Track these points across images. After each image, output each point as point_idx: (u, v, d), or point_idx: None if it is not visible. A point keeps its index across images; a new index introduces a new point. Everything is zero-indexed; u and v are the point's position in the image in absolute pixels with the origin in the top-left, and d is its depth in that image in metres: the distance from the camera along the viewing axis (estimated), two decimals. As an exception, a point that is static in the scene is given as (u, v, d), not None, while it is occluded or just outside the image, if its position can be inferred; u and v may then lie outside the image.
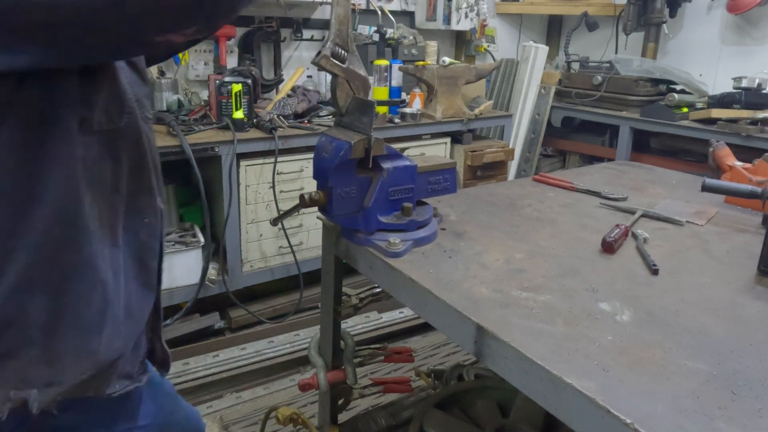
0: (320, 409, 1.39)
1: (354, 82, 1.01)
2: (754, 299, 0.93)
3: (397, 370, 2.35)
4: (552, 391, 0.70)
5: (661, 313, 0.86)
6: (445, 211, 1.26)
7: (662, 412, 0.63)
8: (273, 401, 2.17)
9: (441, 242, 1.09)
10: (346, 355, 1.30)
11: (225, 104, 2.43)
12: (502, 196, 1.42)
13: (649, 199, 1.44)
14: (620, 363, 0.72)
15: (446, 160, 1.20)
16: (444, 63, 3.09)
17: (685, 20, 3.83)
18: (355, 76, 1.01)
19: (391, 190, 1.06)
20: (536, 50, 3.83)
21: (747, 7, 3.37)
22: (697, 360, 0.74)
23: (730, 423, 0.62)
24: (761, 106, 3.00)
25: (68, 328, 0.74)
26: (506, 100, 3.99)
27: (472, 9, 3.65)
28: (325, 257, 1.23)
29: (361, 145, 1.00)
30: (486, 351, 0.80)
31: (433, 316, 0.91)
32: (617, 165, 1.87)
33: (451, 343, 2.55)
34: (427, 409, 1.32)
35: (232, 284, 2.52)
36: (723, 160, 1.59)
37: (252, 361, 2.38)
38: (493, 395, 1.40)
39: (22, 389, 0.72)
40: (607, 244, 1.08)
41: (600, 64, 3.87)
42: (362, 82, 1.02)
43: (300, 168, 2.59)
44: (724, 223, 1.29)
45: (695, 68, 3.66)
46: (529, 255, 1.05)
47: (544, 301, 0.88)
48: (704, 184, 1.32)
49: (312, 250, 2.72)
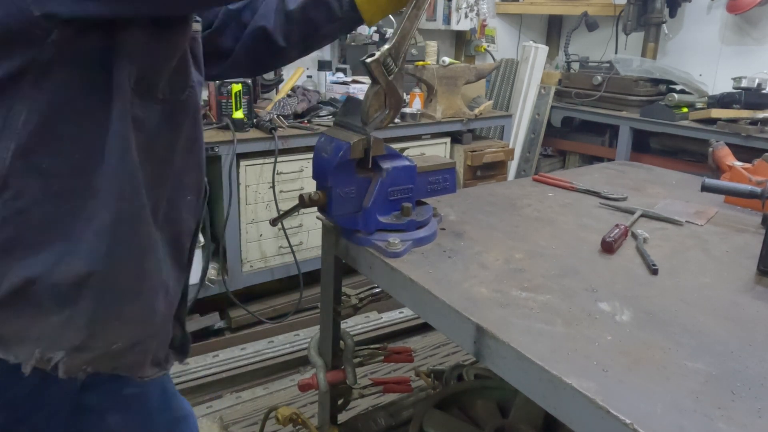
0: (320, 409, 1.39)
1: (390, 98, 0.98)
2: (754, 299, 0.93)
3: (397, 370, 2.35)
4: (551, 392, 0.70)
5: (661, 313, 0.86)
6: (445, 211, 1.26)
7: (662, 412, 0.63)
8: (273, 401, 2.17)
9: (440, 242, 1.09)
10: (346, 355, 1.30)
11: (225, 104, 2.43)
12: (501, 196, 1.42)
13: (649, 199, 1.44)
14: (620, 363, 0.72)
15: (446, 160, 1.20)
16: (444, 63, 3.09)
17: (685, 20, 3.83)
18: (394, 92, 0.98)
19: (391, 190, 1.06)
20: (536, 50, 3.83)
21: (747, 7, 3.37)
22: (697, 360, 0.74)
23: (730, 423, 0.62)
24: (761, 106, 3.00)
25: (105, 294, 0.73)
26: (506, 100, 3.99)
27: (472, 9, 3.65)
28: (324, 257, 1.23)
29: (361, 145, 1.00)
30: (485, 351, 0.80)
31: (432, 316, 0.91)
32: (617, 165, 1.87)
33: (450, 343, 2.55)
34: (426, 409, 1.32)
35: (232, 284, 2.52)
36: (723, 160, 1.59)
37: (252, 361, 2.38)
38: (493, 395, 1.40)
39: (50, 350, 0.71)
40: (607, 244, 1.08)
41: (600, 64, 3.87)
42: (397, 102, 0.99)
43: (300, 168, 2.59)
44: (723, 223, 1.29)
45: (695, 68, 3.66)
46: (529, 255, 1.05)
47: (544, 301, 0.88)
48: (704, 184, 1.32)
49: (312, 250, 2.72)
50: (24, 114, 0.65)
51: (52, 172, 0.67)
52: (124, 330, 0.76)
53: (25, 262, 0.68)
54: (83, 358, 0.74)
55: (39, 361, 0.71)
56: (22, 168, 0.66)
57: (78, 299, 0.71)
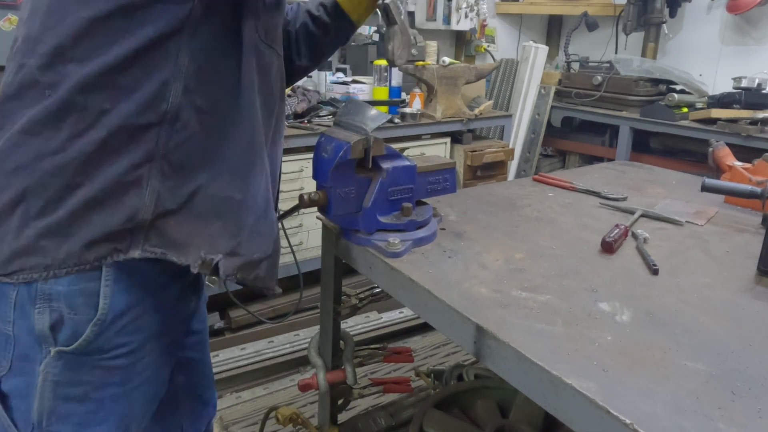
0: (320, 409, 1.39)
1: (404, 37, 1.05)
2: (754, 299, 0.93)
3: (397, 370, 2.35)
4: (552, 392, 0.70)
5: (661, 313, 0.86)
6: (445, 211, 1.26)
7: (662, 413, 0.63)
8: (273, 401, 2.17)
9: (440, 242, 1.09)
10: (346, 355, 1.30)
11: (225, 104, 2.43)
12: (501, 196, 1.42)
13: (649, 199, 1.44)
14: (620, 363, 0.72)
15: (446, 160, 1.20)
16: (444, 63, 3.09)
17: (685, 20, 3.83)
18: (407, 31, 1.05)
19: (391, 190, 1.06)
20: (536, 50, 3.83)
21: (747, 7, 3.37)
22: (697, 360, 0.74)
23: (730, 423, 0.62)
24: (761, 106, 3.00)
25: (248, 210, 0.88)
26: (506, 100, 3.99)
27: (472, 9, 3.65)
28: (324, 257, 1.23)
29: (361, 145, 1.00)
30: (485, 351, 0.80)
31: (432, 317, 0.91)
32: (617, 165, 1.87)
33: (450, 343, 2.55)
34: (426, 409, 1.32)
35: (232, 284, 2.52)
36: (723, 160, 1.59)
37: (252, 361, 2.38)
38: (493, 395, 1.40)
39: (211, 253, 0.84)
40: (607, 244, 1.08)
41: (600, 64, 3.87)
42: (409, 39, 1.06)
43: (300, 168, 2.58)
44: (723, 223, 1.29)
45: (695, 68, 3.66)
46: (529, 255, 1.05)
47: (544, 301, 0.88)
48: (704, 184, 1.32)
49: (312, 250, 2.72)
50: (187, 60, 0.79)
51: (204, 108, 0.82)
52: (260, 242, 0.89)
53: (190, 180, 0.82)
54: (235, 263, 0.86)
55: (203, 262, 0.83)
56: (187, 104, 0.80)
57: (227, 213, 0.85)
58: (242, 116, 0.86)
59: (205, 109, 0.82)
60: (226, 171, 0.85)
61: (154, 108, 0.78)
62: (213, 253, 0.84)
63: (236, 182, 0.86)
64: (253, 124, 0.88)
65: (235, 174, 0.86)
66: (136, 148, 0.79)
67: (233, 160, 0.86)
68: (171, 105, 0.79)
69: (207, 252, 0.84)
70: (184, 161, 0.82)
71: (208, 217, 0.84)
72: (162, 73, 0.78)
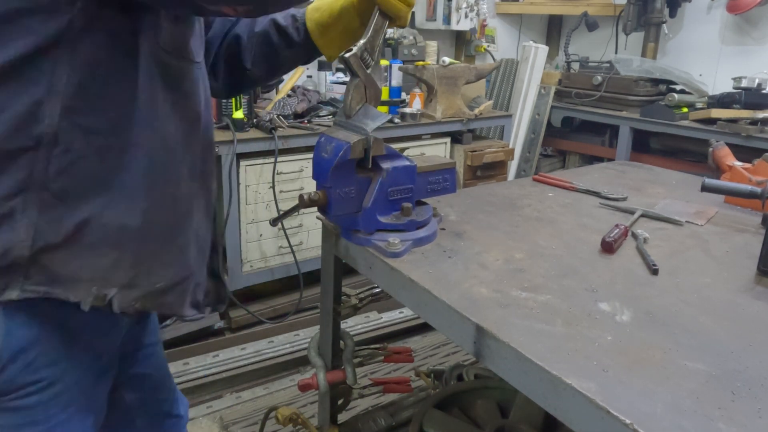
0: (320, 409, 1.39)
1: (369, 90, 1.03)
2: (754, 299, 0.93)
3: (397, 370, 2.35)
4: (551, 392, 0.70)
5: (661, 314, 0.86)
6: (445, 211, 1.26)
7: (662, 413, 0.63)
8: (273, 401, 2.17)
9: (440, 242, 1.09)
10: (346, 355, 1.30)
11: (225, 104, 2.43)
12: (501, 196, 1.42)
13: (649, 199, 1.44)
14: (620, 363, 0.72)
15: (446, 160, 1.20)
16: (444, 63, 3.09)
17: (685, 20, 3.83)
18: (373, 84, 1.03)
19: (391, 190, 1.06)
20: (536, 50, 3.83)
21: (747, 7, 3.37)
22: (697, 360, 0.74)
23: (730, 423, 0.62)
24: (761, 106, 3.00)
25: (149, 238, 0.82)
26: (506, 100, 3.99)
27: (472, 9, 3.65)
28: (324, 257, 1.23)
29: (361, 145, 1.00)
30: (485, 351, 0.80)
31: (432, 317, 0.91)
32: (617, 165, 1.87)
33: (450, 343, 2.55)
34: (426, 409, 1.32)
35: (232, 284, 2.52)
36: (723, 160, 1.59)
37: (252, 361, 2.38)
38: (493, 395, 1.40)
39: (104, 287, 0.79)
40: (607, 244, 1.08)
41: (600, 64, 3.87)
42: (376, 93, 1.05)
43: (300, 168, 2.59)
44: (723, 223, 1.29)
45: (695, 68, 3.66)
46: (529, 255, 1.05)
47: (544, 301, 0.88)
48: (704, 184, 1.32)
49: (312, 250, 2.72)
50: (65, 76, 0.71)
51: (93, 129, 0.74)
52: (163, 271, 0.85)
53: (78, 210, 0.75)
54: (132, 295, 0.82)
55: (96, 297, 0.78)
56: (68, 126, 0.73)
57: (123, 242, 0.79)
58: (141, 134, 0.78)
59: (96, 130, 0.75)
60: (122, 197, 0.78)
61: (24, 130, 0.70)
62: (106, 287, 0.78)
63: (134, 209, 0.79)
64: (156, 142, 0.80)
65: (133, 199, 0.79)
66: (6, 177, 0.71)
67: (131, 184, 0.78)
68: (47, 126, 0.71)
69: (100, 287, 0.78)
70: (70, 189, 0.74)
71: (101, 248, 0.77)
72: (34, 91, 0.70)
